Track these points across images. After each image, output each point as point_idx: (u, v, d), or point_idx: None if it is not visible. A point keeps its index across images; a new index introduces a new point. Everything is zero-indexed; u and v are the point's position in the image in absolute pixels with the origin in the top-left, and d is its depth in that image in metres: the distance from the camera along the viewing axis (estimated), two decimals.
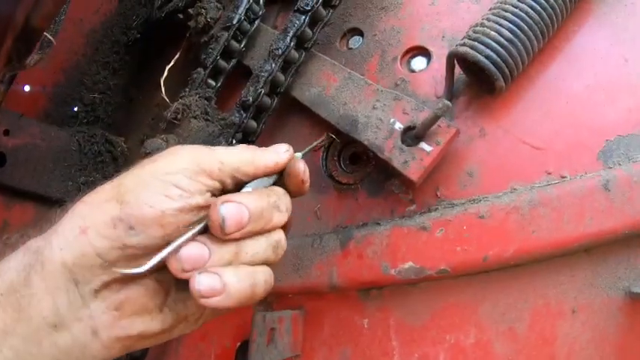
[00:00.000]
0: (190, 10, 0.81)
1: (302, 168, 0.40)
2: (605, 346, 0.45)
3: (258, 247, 0.36)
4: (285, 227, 0.40)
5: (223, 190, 0.37)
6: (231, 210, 0.34)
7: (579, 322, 0.46)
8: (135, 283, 0.35)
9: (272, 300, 0.62)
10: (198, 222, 0.34)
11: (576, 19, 0.55)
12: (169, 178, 0.34)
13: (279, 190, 0.40)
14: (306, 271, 0.56)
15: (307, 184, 0.42)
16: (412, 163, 0.50)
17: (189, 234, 0.34)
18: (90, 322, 0.33)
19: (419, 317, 0.51)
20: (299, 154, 0.45)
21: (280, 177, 0.41)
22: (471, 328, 0.49)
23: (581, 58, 0.54)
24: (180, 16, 0.87)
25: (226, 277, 0.33)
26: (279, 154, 0.40)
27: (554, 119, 0.51)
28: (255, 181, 0.38)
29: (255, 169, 0.38)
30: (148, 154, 0.62)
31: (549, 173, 0.49)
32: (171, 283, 0.36)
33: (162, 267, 0.34)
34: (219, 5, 0.76)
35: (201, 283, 0.32)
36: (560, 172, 0.49)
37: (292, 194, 0.41)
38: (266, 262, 0.37)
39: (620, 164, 0.47)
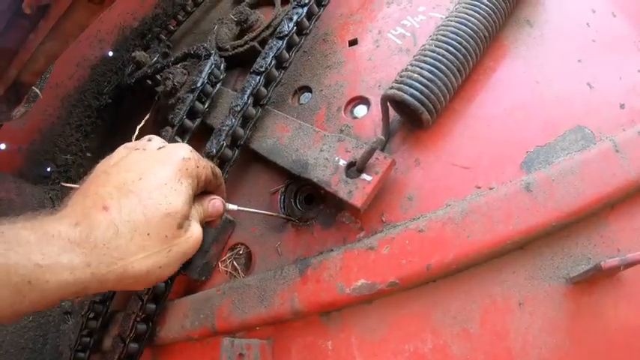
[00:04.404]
0: (158, 76, 0.95)
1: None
2: (558, 331, 0.52)
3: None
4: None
5: None
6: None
7: (527, 314, 0.53)
8: None
9: (242, 335, 0.67)
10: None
11: (492, 55, 0.69)
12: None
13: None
14: (270, 301, 0.63)
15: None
16: (356, 192, 0.60)
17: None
18: None
19: (378, 332, 0.58)
20: (234, 207, 0.65)
21: None
22: (427, 335, 0.56)
23: (498, 86, 0.67)
24: (149, 82, 1.01)
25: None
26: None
27: (478, 141, 0.63)
28: None
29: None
30: None
31: (479, 187, 0.60)
32: None
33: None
34: (184, 71, 0.90)
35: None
36: (489, 185, 0.59)
37: None
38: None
39: (540, 169, 0.57)
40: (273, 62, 0.76)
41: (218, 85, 0.85)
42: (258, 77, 0.75)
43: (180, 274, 0.74)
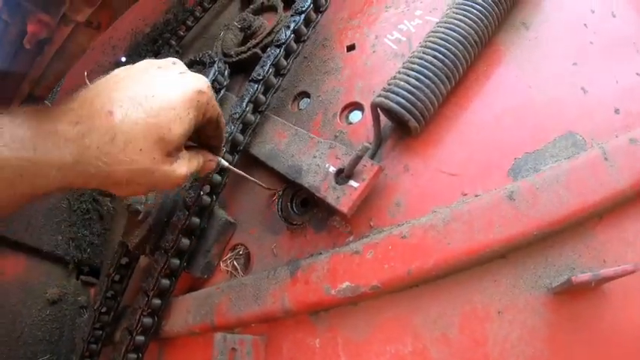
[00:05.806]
0: None
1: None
2: (536, 341, 0.53)
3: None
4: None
5: None
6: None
7: (506, 322, 0.55)
8: None
9: (239, 331, 0.73)
10: None
11: (486, 59, 0.70)
12: None
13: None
14: (263, 299, 0.68)
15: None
16: (343, 198, 0.64)
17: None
18: None
19: (362, 333, 0.62)
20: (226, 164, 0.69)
21: None
22: (408, 338, 0.59)
23: (490, 92, 0.68)
24: None
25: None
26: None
27: (467, 148, 0.64)
28: None
29: None
30: (129, 206, 0.79)
31: (465, 194, 0.62)
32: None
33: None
34: None
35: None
36: (475, 192, 0.61)
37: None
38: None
39: (527, 177, 0.58)
40: (271, 70, 0.80)
41: (222, 92, 0.90)
42: (257, 85, 0.80)
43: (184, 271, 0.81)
